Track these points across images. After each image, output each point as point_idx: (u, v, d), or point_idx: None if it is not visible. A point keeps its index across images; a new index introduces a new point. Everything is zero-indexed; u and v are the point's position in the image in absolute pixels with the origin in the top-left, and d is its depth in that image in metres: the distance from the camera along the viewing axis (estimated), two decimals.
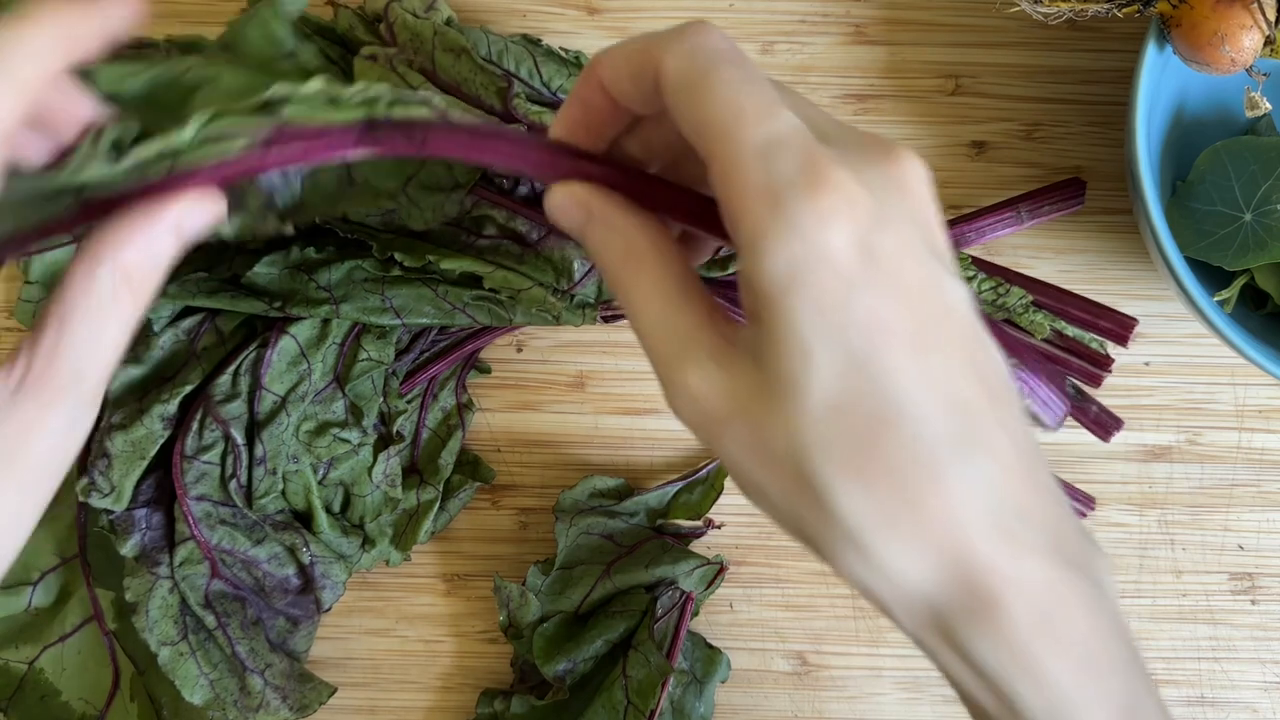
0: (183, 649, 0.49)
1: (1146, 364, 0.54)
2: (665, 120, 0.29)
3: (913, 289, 0.26)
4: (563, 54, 0.54)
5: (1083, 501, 0.53)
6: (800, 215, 0.25)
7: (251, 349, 0.50)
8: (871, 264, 0.25)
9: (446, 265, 0.50)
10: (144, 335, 0.52)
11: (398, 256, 0.50)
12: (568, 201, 0.31)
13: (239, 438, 0.49)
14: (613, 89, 0.30)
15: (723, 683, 0.53)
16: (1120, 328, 0.51)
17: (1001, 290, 0.51)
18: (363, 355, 0.51)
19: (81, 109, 0.29)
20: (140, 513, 0.50)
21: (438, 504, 0.53)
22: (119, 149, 0.28)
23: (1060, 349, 0.52)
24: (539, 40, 0.54)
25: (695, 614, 0.52)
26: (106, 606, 0.50)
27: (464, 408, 0.53)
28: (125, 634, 0.50)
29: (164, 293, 0.51)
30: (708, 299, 0.29)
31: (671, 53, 0.28)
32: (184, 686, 0.49)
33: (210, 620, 0.49)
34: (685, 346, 0.28)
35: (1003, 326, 0.51)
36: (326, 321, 0.51)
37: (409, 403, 0.52)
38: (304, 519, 0.51)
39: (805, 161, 0.25)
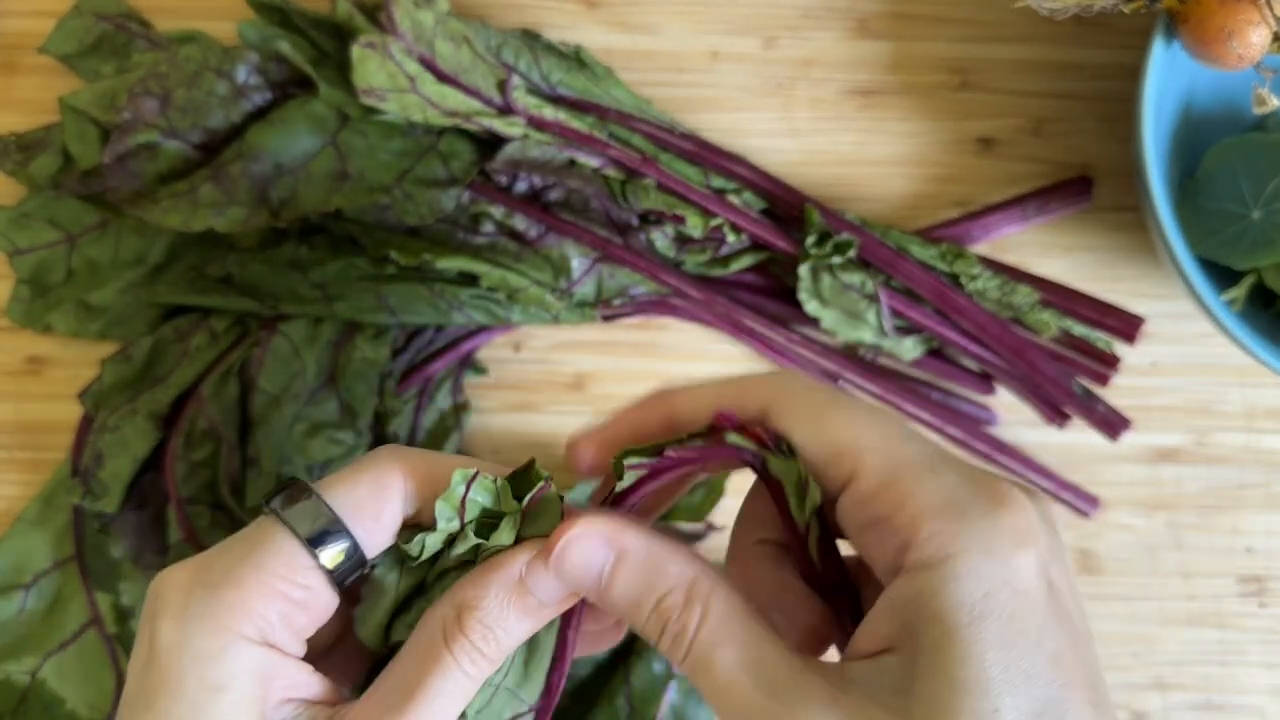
0: None
1: (1154, 364, 0.54)
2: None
3: (1077, 625, 0.24)
4: (562, 48, 0.53)
5: (1089, 503, 0.52)
6: (992, 536, 0.23)
7: (244, 348, 0.49)
8: (1053, 597, 0.24)
9: (443, 264, 0.49)
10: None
11: (393, 254, 0.49)
12: (587, 541, 0.28)
13: (231, 438, 0.48)
14: (685, 421, 0.29)
15: None
16: (1128, 327, 0.50)
17: (1008, 289, 0.51)
18: (357, 355, 0.50)
19: None
20: (133, 514, 0.49)
21: None
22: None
23: (1067, 348, 0.51)
24: (538, 34, 0.53)
25: None
26: (106, 610, 0.50)
27: (460, 408, 0.53)
28: (126, 638, 0.50)
29: (156, 291, 0.51)
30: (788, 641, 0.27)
31: (783, 388, 0.28)
32: None
33: None
34: (787, 697, 0.24)
35: (1010, 325, 0.51)
36: (320, 320, 0.50)
37: (404, 403, 0.52)
38: None
39: (978, 477, 0.25)
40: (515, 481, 0.30)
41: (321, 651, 0.32)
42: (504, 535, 0.30)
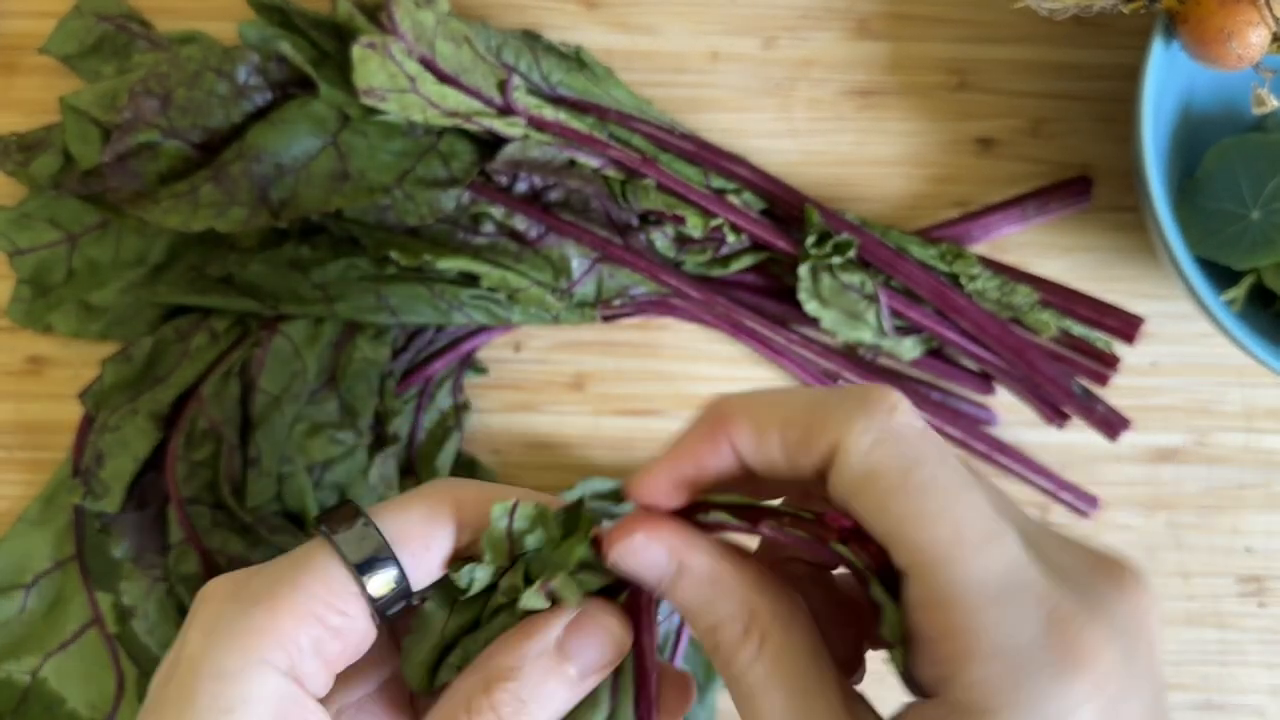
0: None
1: (1154, 364, 0.54)
2: (813, 487, 0.25)
3: None
4: (562, 49, 0.53)
5: (1088, 503, 0.52)
6: (1047, 699, 0.21)
7: (244, 348, 0.49)
8: None
9: (443, 264, 0.49)
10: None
11: (393, 255, 0.49)
12: (650, 551, 0.26)
13: (231, 438, 0.48)
14: (750, 453, 0.25)
15: (724, 688, 0.52)
16: (1127, 326, 0.50)
17: (1008, 289, 0.51)
18: (358, 355, 0.50)
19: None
20: (134, 514, 0.49)
21: None
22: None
23: (1067, 348, 0.51)
24: (538, 35, 0.53)
25: None
26: (107, 610, 0.50)
27: (461, 408, 0.53)
28: (127, 637, 0.50)
29: (156, 291, 0.51)
30: (844, 684, 0.25)
31: (857, 433, 0.23)
32: None
33: None
34: None
35: (1009, 325, 0.51)
36: (320, 320, 0.50)
37: (405, 403, 0.52)
38: (299, 521, 0.50)
39: (1051, 622, 0.22)
40: (563, 519, 0.29)
41: (361, 697, 0.31)
42: (533, 600, 0.28)
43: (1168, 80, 0.48)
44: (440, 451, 0.52)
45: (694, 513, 0.27)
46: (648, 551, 0.26)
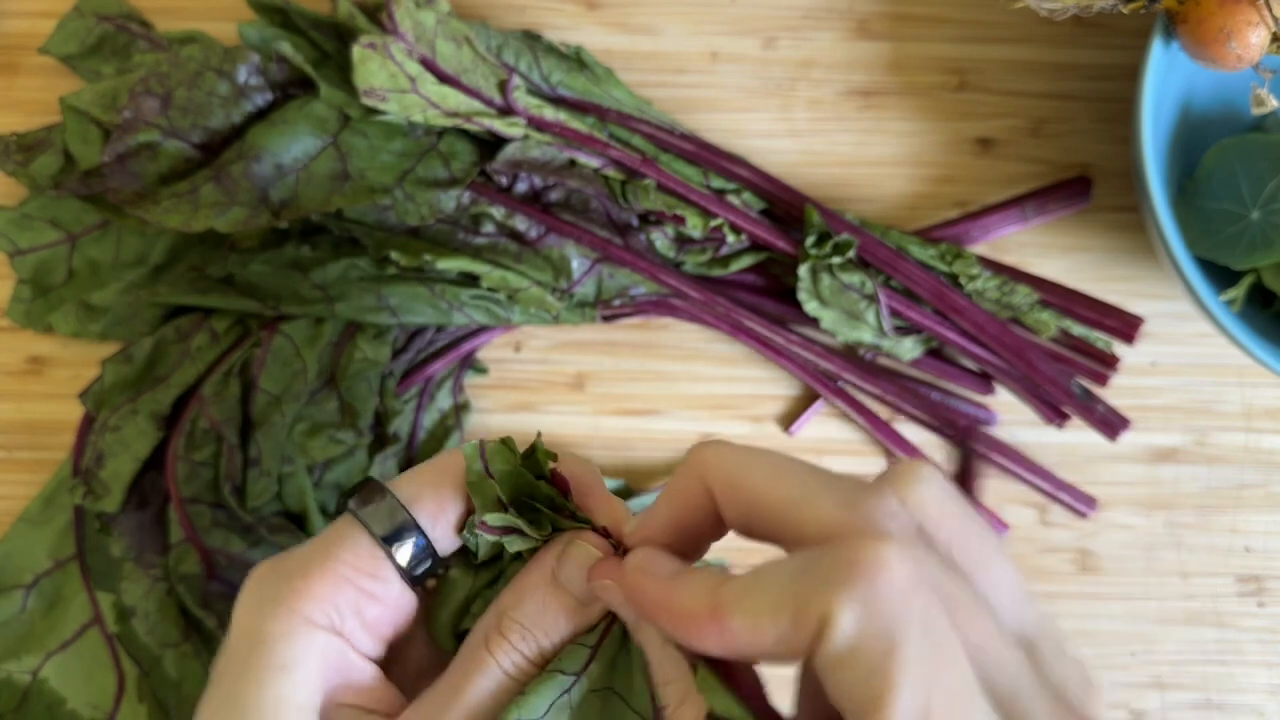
0: (186, 650, 0.48)
1: (1153, 364, 0.54)
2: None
3: None
4: (562, 49, 0.53)
5: (1086, 504, 0.52)
6: None
7: (245, 348, 0.49)
8: None
9: (443, 264, 0.49)
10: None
11: (394, 255, 0.49)
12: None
13: (232, 438, 0.48)
14: (745, 643, 0.24)
15: None
16: (1127, 327, 0.51)
17: (1007, 289, 0.51)
18: (358, 355, 0.50)
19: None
20: (134, 514, 0.49)
21: None
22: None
23: (1067, 348, 0.51)
24: (539, 35, 0.53)
25: None
26: (107, 609, 0.50)
27: (461, 408, 0.53)
28: (127, 637, 0.50)
29: (157, 291, 0.51)
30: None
31: (842, 608, 0.22)
32: (193, 688, 0.48)
33: (211, 622, 0.49)
34: None
35: (1009, 325, 0.51)
36: (321, 320, 0.50)
37: (405, 403, 0.52)
38: (299, 521, 0.51)
39: None
40: (525, 460, 0.31)
41: (415, 677, 0.32)
42: (518, 543, 0.30)
43: (1168, 80, 0.48)
44: (440, 451, 0.52)
45: None
46: (605, 564, 0.29)
